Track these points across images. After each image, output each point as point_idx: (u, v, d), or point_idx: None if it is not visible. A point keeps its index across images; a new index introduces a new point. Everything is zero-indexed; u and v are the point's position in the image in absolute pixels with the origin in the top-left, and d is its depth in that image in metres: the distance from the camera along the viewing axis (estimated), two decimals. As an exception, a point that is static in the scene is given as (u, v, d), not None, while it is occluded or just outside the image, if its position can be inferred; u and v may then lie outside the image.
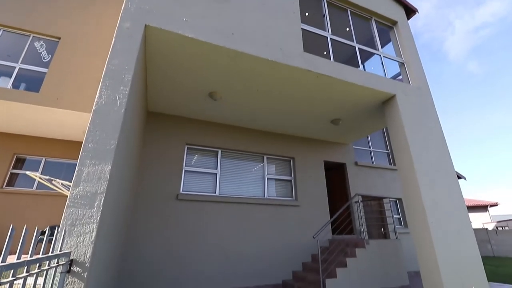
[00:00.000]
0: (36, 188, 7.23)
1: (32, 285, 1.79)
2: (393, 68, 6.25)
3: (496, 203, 24.02)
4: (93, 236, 2.40)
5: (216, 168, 6.18)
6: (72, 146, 7.47)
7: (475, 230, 15.75)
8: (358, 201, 5.95)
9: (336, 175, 8.09)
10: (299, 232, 6.24)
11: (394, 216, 7.86)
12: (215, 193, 5.92)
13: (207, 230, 5.44)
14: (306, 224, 6.36)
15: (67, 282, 2.23)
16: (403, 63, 6.07)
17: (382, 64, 5.84)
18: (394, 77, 6.22)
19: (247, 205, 6.02)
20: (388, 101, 5.37)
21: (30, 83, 5.84)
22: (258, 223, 5.97)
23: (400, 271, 5.42)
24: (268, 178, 6.66)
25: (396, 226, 7.60)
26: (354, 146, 8.43)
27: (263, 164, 6.76)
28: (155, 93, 5.09)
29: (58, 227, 2.29)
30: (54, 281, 2.10)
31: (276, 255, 5.85)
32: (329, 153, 7.70)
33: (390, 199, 7.61)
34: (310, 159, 7.28)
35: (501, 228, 18.46)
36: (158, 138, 5.73)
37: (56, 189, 5.90)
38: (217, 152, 6.35)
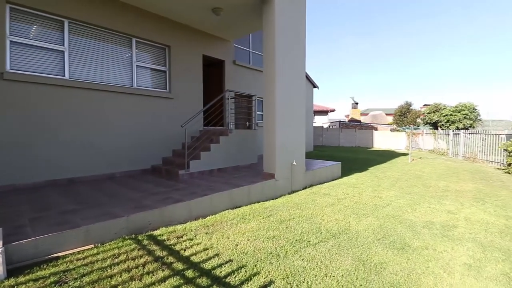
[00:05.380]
0: None
1: None
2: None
3: (334, 109, 32.41)
4: None
5: (63, 45, 4.87)
6: None
7: (316, 127, 21.09)
8: (228, 98, 6.45)
9: (214, 72, 8.17)
10: (171, 124, 6.38)
11: (258, 112, 9.20)
12: (64, 76, 4.86)
13: (59, 118, 4.69)
14: (179, 116, 6.49)
15: None
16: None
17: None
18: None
19: (111, 93, 5.39)
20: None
21: None
22: (125, 113, 5.61)
23: (252, 154, 6.83)
24: (137, 66, 5.94)
25: (258, 121, 9.04)
26: (235, 45, 8.43)
27: (131, 49, 5.85)
28: None
29: None
30: None
31: (147, 144, 5.96)
32: (210, 48, 7.44)
33: (258, 98, 8.66)
34: (188, 51, 6.84)
35: (331, 127, 25.46)
36: None
37: None
38: (63, 23, 4.87)
